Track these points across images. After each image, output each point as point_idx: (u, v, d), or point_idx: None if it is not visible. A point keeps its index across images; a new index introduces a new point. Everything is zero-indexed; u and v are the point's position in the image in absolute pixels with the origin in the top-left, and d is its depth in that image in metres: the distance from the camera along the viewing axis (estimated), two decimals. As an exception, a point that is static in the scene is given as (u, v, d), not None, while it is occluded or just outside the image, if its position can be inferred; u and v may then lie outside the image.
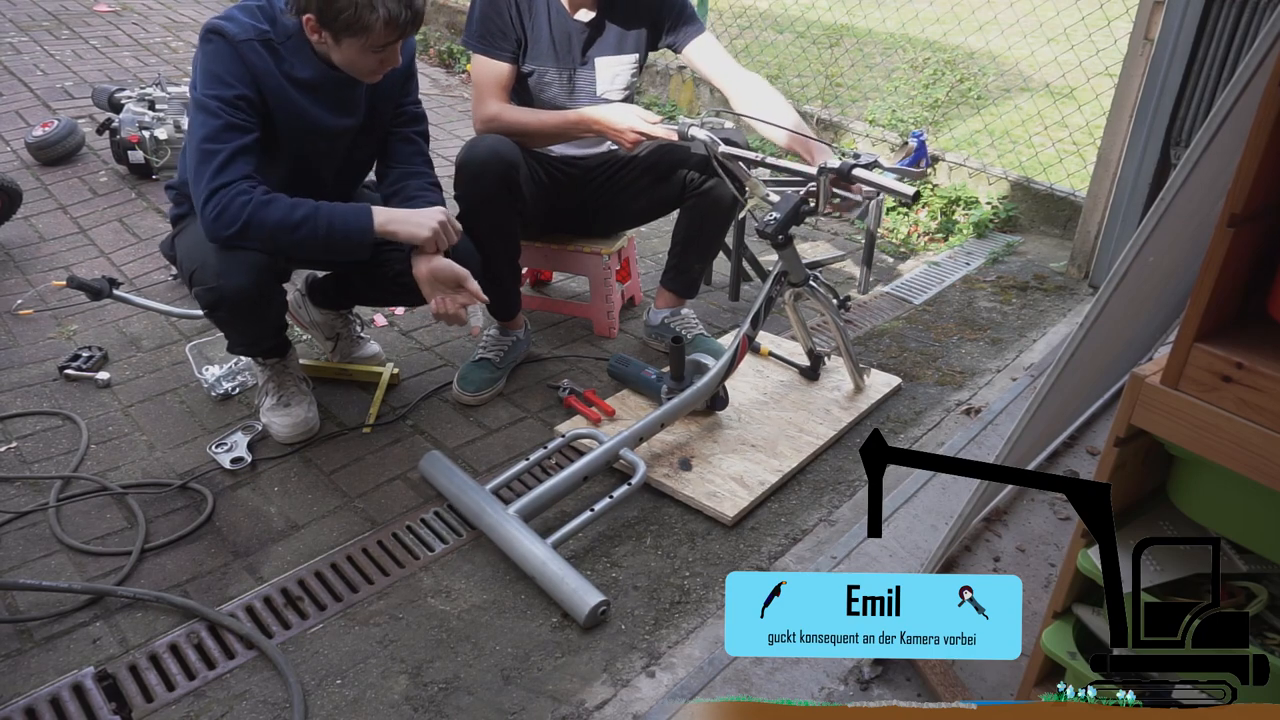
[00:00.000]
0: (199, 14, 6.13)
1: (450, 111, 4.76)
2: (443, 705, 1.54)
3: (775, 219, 1.99)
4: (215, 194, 1.78)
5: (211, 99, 1.79)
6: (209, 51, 1.81)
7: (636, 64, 2.39)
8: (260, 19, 1.85)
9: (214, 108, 1.79)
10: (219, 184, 1.78)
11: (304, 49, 1.88)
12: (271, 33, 1.85)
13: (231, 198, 1.77)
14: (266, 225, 1.79)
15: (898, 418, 2.40)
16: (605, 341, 2.71)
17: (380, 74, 1.93)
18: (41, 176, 3.62)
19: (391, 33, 1.81)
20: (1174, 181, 1.05)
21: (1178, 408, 1.09)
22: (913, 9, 5.39)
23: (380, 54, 1.86)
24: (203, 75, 1.81)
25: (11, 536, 1.86)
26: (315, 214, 1.83)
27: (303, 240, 1.83)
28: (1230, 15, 2.54)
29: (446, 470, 2.01)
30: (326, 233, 1.84)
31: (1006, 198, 3.74)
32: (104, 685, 1.55)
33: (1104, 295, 1.14)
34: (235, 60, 1.81)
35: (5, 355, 2.50)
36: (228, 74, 1.80)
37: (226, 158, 1.79)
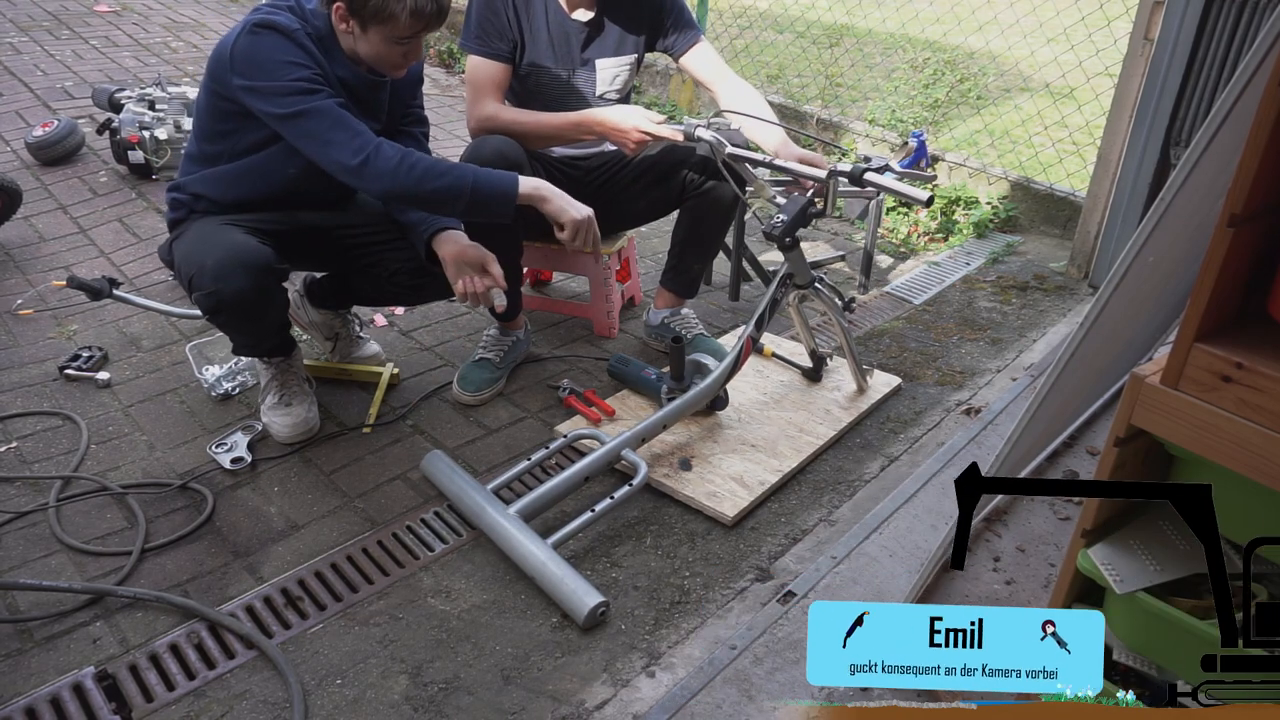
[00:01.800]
0: (199, 14, 6.13)
1: (450, 111, 4.76)
2: (443, 705, 1.54)
3: (782, 221, 1.99)
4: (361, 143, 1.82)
5: (291, 80, 1.79)
6: (266, 41, 1.80)
7: (634, 64, 2.39)
8: (298, 19, 1.87)
9: (299, 85, 1.80)
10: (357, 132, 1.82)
11: (337, 50, 1.91)
12: (311, 30, 1.88)
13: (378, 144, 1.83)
14: (417, 169, 1.84)
15: (898, 418, 2.40)
16: (605, 341, 2.71)
17: (404, 68, 1.95)
18: (41, 176, 3.62)
19: (416, 24, 1.83)
20: (1174, 181, 1.05)
21: (1178, 408, 1.09)
22: (913, 9, 5.39)
23: (404, 46, 1.88)
24: (266, 70, 1.79)
25: (11, 536, 1.86)
26: (459, 169, 1.90)
27: (446, 189, 1.88)
28: (1230, 15, 2.54)
29: (448, 470, 2.01)
30: (473, 186, 1.88)
31: (1006, 198, 3.74)
32: (104, 685, 1.55)
33: (1104, 295, 1.14)
34: (295, 48, 1.83)
35: (5, 355, 2.50)
36: (292, 56, 1.81)
37: (340, 116, 1.82)
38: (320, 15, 1.89)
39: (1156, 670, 1.27)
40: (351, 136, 1.82)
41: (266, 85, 1.80)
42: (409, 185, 1.84)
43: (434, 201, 1.91)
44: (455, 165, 1.92)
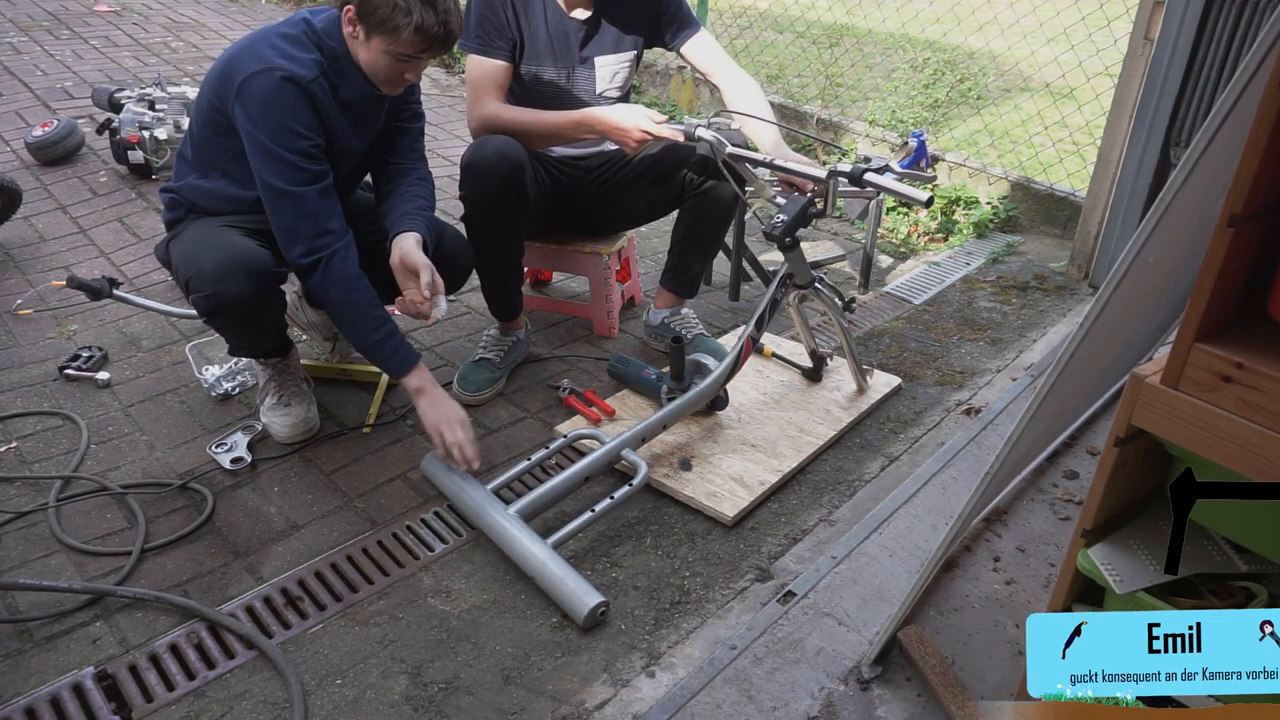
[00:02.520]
0: (199, 14, 6.13)
1: (450, 111, 4.76)
2: (443, 705, 1.54)
3: (783, 221, 1.99)
4: (316, 251, 1.87)
5: (287, 149, 1.82)
6: (283, 99, 1.80)
7: (634, 61, 2.39)
8: (311, 49, 1.86)
9: (293, 160, 1.82)
10: (318, 231, 1.87)
11: (349, 68, 1.90)
12: (324, 62, 1.87)
13: (333, 253, 1.88)
14: (333, 298, 1.91)
15: (898, 418, 2.40)
16: (605, 341, 2.71)
17: (399, 87, 1.93)
18: (41, 176, 3.62)
19: (420, 43, 1.81)
20: (1174, 181, 1.05)
21: (1178, 408, 1.09)
22: (913, 9, 5.39)
23: (404, 64, 1.86)
24: (273, 126, 1.81)
25: (11, 536, 1.86)
26: (380, 324, 1.94)
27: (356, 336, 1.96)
28: (1230, 15, 2.54)
29: (448, 470, 2.01)
30: (373, 344, 1.95)
31: (1006, 198, 3.74)
32: (104, 685, 1.55)
33: (1104, 295, 1.14)
34: (307, 109, 1.84)
35: (5, 355, 2.50)
36: (302, 125, 1.83)
37: (316, 198, 1.86)
38: (333, 33, 1.88)
39: None
40: (315, 235, 1.86)
41: (265, 143, 1.81)
42: (336, 305, 1.93)
43: (345, 326, 1.98)
44: (382, 320, 1.94)
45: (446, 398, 1.99)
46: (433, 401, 1.97)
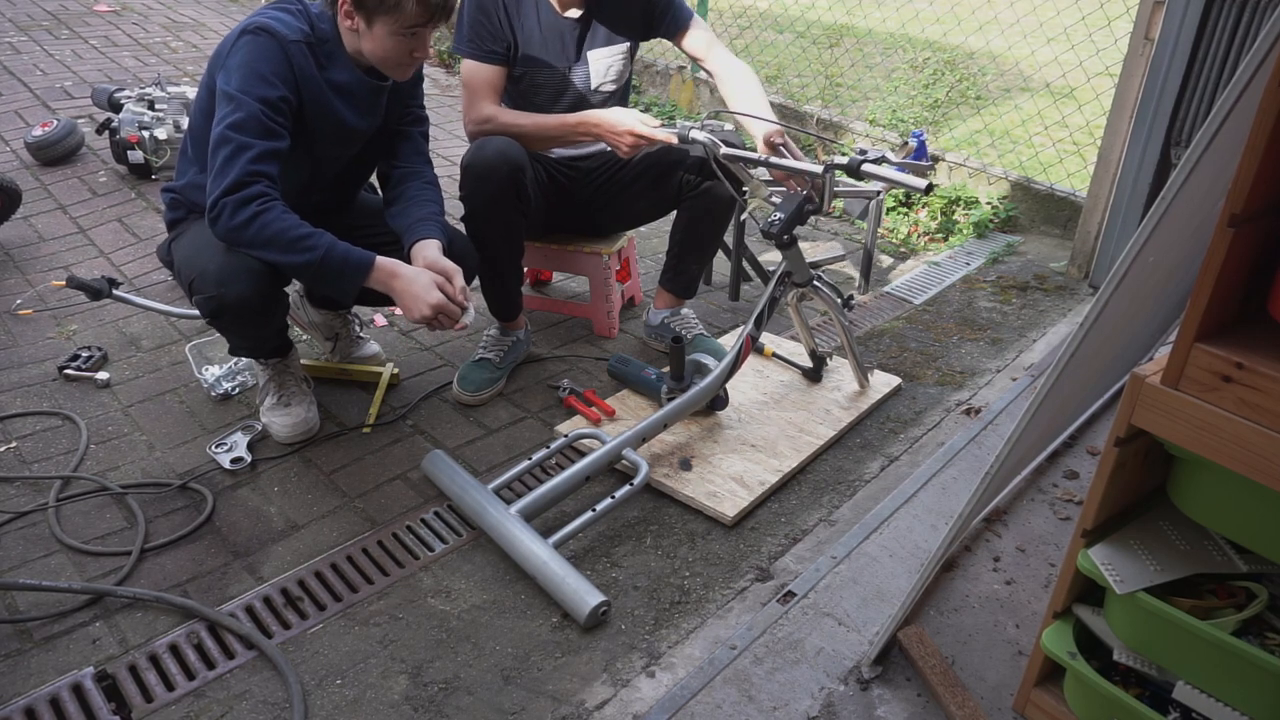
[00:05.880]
0: (199, 14, 6.13)
1: (450, 111, 4.76)
2: (443, 705, 1.54)
3: (779, 219, 1.99)
4: (241, 186, 1.74)
5: (252, 98, 1.76)
6: (256, 47, 1.79)
7: (628, 53, 2.39)
8: (302, 22, 1.86)
9: (252, 107, 1.76)
10: (247, 174, 1.74)
11: (340, 52, 1.90)
12: (313, 37, 1.86)
13: (254, 194, 1.75)
14: (268, 230, 1.76)
15: (898, 418, 2.40)
16: (605, 341, 2.71)
17: (410, 68, 1.93)
18: (41, 176, 3.62)
19: (423, 14, 1.81)
20: (1174, 181, 1.05)
21: (1178, 408, 1.09)
22: (913, 9, 5.40)
23: (410, 41, 1.86)
24: (244, 71, 1.77)
25: (11, 536, 1.86)
26: (317, 236, 1.81)
27: (296, 263, 1.81)
28: (1230, 15, 2.54)
29: (449, 470, 2.01)
30: (323, 259, 1.80)
31: (1006, 198, 3.74)
32: (104, 685, 1.55)
33: (1104, 295, 1.14)
34: (282, 61, 1.80)
35: (5, 355, 2.50)
36: (273, 74, 1.79)
37: (258, 155, 1.76)
38: (325, 17, 1.89)
39: (1157, 670, 1.27)
40: (239, 179, 1.73)
41: (230, 92, 1.77)
42: (265, 242, 1.78)
43: (285, 260, 1.81)
44: (318, 234, 1.82)
45: (418, 272, 1.90)
46: (406, 282, 1.88)
